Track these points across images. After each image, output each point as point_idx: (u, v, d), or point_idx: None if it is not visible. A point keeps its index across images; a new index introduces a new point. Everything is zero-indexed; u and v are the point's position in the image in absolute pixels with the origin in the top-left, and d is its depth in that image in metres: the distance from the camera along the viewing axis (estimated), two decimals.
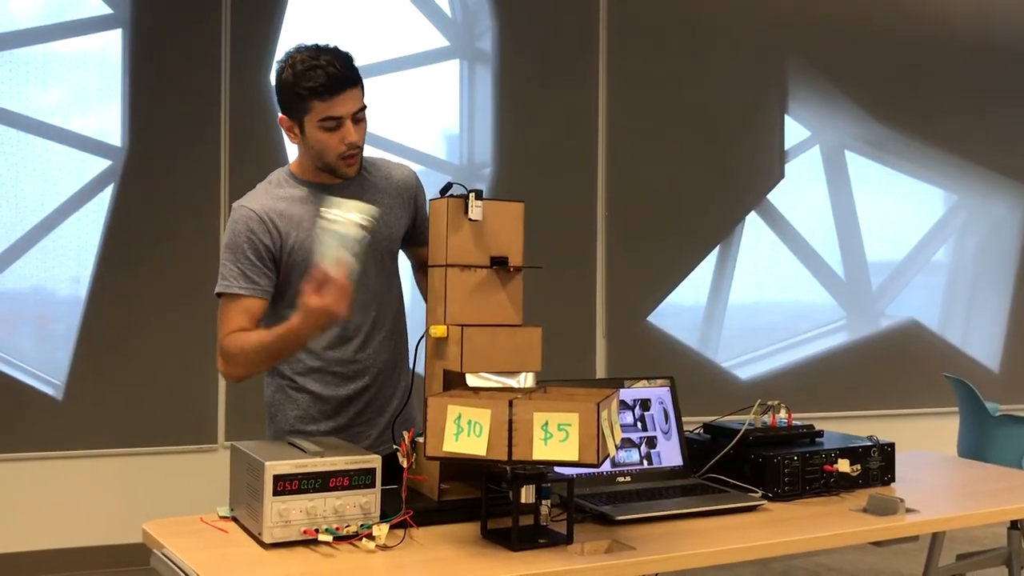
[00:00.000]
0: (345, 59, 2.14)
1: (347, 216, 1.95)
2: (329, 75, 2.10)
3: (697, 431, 2.49)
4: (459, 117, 5.09)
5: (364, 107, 2.18)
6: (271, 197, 2.22)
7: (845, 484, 2.30)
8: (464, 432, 1.71)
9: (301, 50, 2.15)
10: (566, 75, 5.14)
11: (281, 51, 2.22)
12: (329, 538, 1.75)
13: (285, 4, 4.65)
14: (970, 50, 5.99)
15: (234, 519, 1.91)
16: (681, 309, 5.37)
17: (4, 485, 4.26)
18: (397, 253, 2.37)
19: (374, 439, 2.28)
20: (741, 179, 5.48)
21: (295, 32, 4.62)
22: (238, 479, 1.89)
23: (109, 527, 4.33)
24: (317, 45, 2.16)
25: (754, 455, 2.25)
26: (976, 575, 4.12)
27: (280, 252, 2.18)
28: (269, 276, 2.18)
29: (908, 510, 2.13)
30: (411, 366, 2.33)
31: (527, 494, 1.80)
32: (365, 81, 2.20)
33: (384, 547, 1.76)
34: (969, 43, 5.99)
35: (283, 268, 2.20)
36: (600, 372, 5.11)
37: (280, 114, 2.21)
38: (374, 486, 1.81)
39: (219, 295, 2.18)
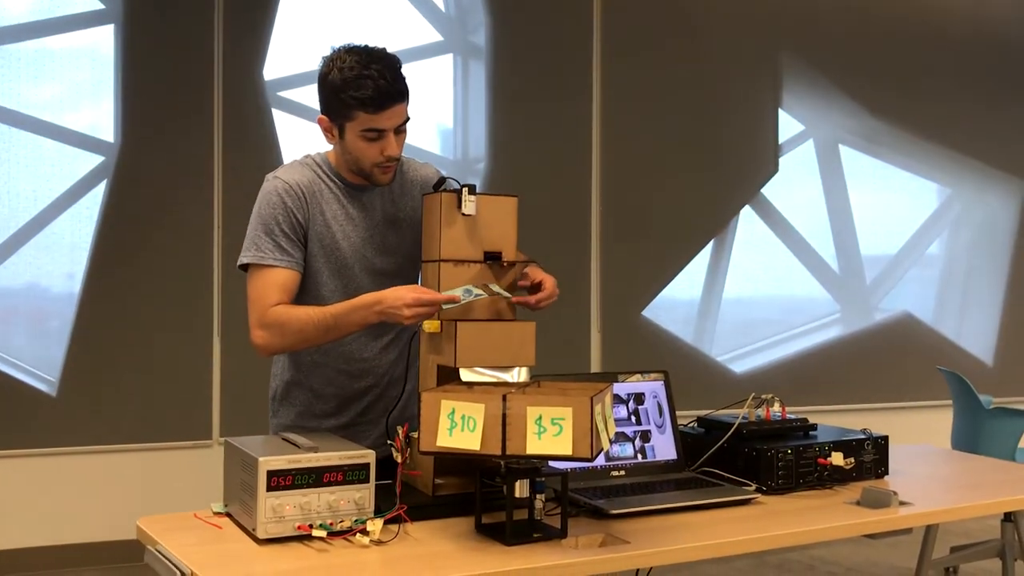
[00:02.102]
0: (395, 71, 2.06)
1: (494, 288, 1.98)
2: (379, 88, 2.03)
3: (691, 425, 2.49)
4: (453, 112, 5.08)
5: (407, 119, 2.12)
6: (307, 177, 2.17)
7: (839, 477, 2.30)
8: (458, 427, 1.71)
9: (351, 51, 2.06)
10: (560, 69, 5.13)
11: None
12: (323, 533, 1.75)
13: None
14: (963, 44, 6.00)
15: (228, 515, 1.91)
16: (675, 303, 5.37)
17: None
18: (419, 257, 2.30)
19: (374, 439, 2.26)
20: (735, 173, 5.48)
21: (288, 27, 4.61)
22: (232, 475, 1.89)
23: (103, 523, 4.33)
24: (368, 48, 2.07)
25: (748, 448, 2.25)
26: (970, 567, 4.14)
27: (307, 232, 2.15)
28: (302, 250, 2.14)
29: (902, 503, 2.13)
30: (408, 363, 2.31)
31: (521, 488, 1.80)
32: None
33: (378, 542, 1.76)
34: (962, 37, 6.00)
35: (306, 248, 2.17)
36: (594, 366, 5.12)
37: (320, 114, 2.14)
38: (368, 481, 1.81)
39: (245, 266, 2.13)
